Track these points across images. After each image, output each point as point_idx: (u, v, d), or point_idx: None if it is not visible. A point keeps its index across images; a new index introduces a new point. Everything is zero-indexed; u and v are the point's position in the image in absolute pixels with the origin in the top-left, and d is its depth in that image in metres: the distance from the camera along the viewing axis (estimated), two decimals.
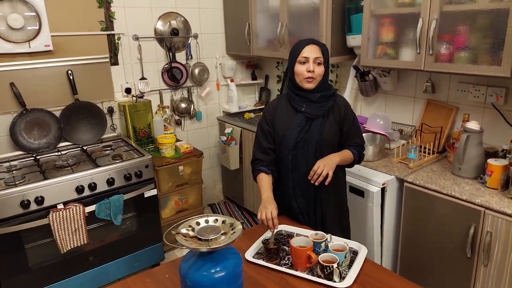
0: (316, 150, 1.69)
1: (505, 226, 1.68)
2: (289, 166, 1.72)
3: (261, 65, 3.69)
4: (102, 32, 2.77)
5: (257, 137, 1.80)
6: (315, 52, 1.63)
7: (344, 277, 1.32)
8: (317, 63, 1.64)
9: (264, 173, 1.72)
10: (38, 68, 2.54)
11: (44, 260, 2.26)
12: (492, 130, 2.17)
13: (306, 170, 1.70)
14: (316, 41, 1.68)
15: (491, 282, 1.78)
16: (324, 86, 1.69)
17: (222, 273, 1.11)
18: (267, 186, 1.68)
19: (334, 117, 1.71)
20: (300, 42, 1.68)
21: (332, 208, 1.78)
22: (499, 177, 1.82)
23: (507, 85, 2.05)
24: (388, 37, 2.18)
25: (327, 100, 1.69)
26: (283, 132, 1.71)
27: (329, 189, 1.74)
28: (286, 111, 1.73)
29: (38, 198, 2.14)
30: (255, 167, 1.76)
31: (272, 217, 1.52)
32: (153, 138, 2.99)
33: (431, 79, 2.37)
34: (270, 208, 1.54)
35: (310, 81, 1.64)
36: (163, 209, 2.82)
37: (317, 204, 1.76)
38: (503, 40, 1.69)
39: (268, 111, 1.78)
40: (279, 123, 1.73)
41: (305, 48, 1.64)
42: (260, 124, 1.79)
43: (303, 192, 1.74)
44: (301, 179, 1.72)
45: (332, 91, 1.72)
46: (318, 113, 1.67)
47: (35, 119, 2.56)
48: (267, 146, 1.75)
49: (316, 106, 1.67)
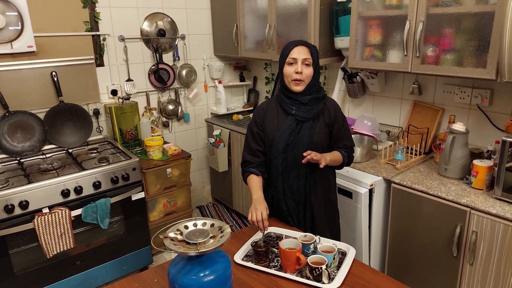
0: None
1: (490, 226, 1.71)
2: (279, 169, 1.71)
3: (249, 67, 3.69)
4: (87, 33, 2.73)
5: (247, 139, 1.79)
6: (304, 53, 1.63)
7: (333, 278, 1.33)
8: (306, 64, 1.64)
9: (254, 175, 1.71)
10: (21, 70, 2.49)
11: (30, 265, 2.21)
12: (477, 131, 2.20)
13: (296, 172, 1.70)
14: (305, 42, 1.68)
15: (476, 280, 1.81)
16: (314, 88, 1.68)
17: (211, 276, 1.10)
18: (257, 187, 1.67)
19: (324, 119, 1.71)
20: (289, 44, 1.68)
21: (322, 210, 1.78)
22: (484, 177, 1.85)
23: (492, 87, 2.09)
24: (375, 39, 2.20)
25: (317, 103, 1.69)
26: (273, 135, 1.70)
27: (319, 191, 1.75)
28: (277, 113, 1.73)
29: (23, 203, 2.09)
30: (244, 169, 1.75)
31: (262, 219, 1.51)
32: (140, 140, 2.96)
33: (418, 81, 2.40)
34: (260, 209, 1.53)
35: (298, 83, 1.64)
36: (151, 212, 2.79)
37: (307, 206, 1.76)
38: (488, 42, 1.73)
39: (258, 114, 1.78)
40: (269, 125, 1.72)
41: (293, 49, 1.64)
42: (250, 126, 1.78)
43: (293, 195, 1.73)
44: (291, 181, 1.72)
45: (323, 93, 1.72)
46: (308, 116, 1.67)
47: (19, 122, 2.50)
48: (256, 149, 1.74)
49: (307, 109, 1.67)
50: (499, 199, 1.77)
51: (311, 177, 1.72)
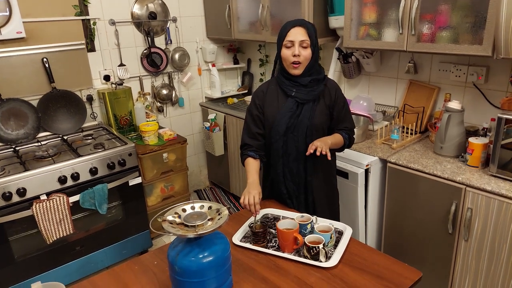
0: (306, 135, 1.67)
1: (485, 202, 1.73)
2: (279, 152, 1.70)
3: (243, 49, 3.64)
4: (76, 17, 2.67)
5: (246, 122, 1.77)
6: (301, 34, 1.59)
7: (330, 256, 1.35)
8: (303, 47, 1.60)
9: (251, 158, 1.70)
10: (11, 56, 2.45)
11: (30, 251, 2.23)
12: (473, 109, 2.20)
13: (296, 155, 1.69)
14: (302, 22, 1.62)
15: (471, 256, 1.84)
16: (313, 70, 1.65)
17: (210, 258, 1.12)
18: (254, 171, 1.66)
19: (324, 101, 1.69)
20: (285, 25, 1.62)
21: (322, 193, 1.79)
22: (479, 155, 1.86)
23: (488, 64, 2.08)
24: (370, 18, 2.17)
25: (317, 84, 1.66)
26: (273, 117, 1.68)
27: (319, 174, 1.74)
28: (276, 95, 1.71)
29: (20, 190, 2.09)
30: (243, 152, 1.74)
31: (254, 203, 1.50)
32: (135, 126, 2.94)
33: (413, 59, 2.38)
34: (253, 193, 1.52)
35: (296, 66, 1.61)
36: (149, 197, 2.80)
37: (308, 188, 1.75)
38: (485, 18, 1.71)
39: (257, 96, 1.75)
40: (269, 107, 1.70)
41: (290, 31, 1.60)
42: (249, 109, 1.76)
43: (293, 177, 1.73)
44: (291, 164, 1.71)
45: (323, 74, 1.69)
46: (308, 98, 1.65)
47: (12, 109, 2.47)
48: (256, 132, 1.73)
49: (307, 91, 1.65)
50: (494, 176, 1.78)
51: (311, 160, 1.70)
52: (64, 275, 2.35)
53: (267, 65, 3.46)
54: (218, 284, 1.15)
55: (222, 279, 1.17)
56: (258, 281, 1.26)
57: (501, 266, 1.75)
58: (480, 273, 1.83)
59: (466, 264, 1.87)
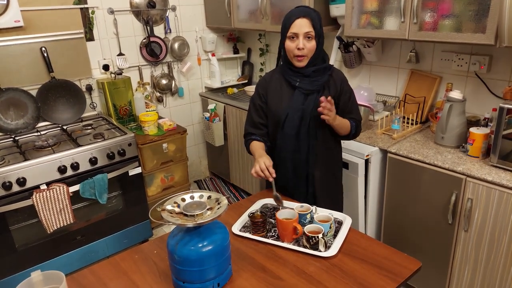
0: (309, 126, 1.64)
1: (485, 193, 1.72)
2: (284, 142, 1.68)
3: (243, 38, 3.61)
4: (74, 6, 2.64)
5: (249, 112, 1.76)
6: (305, 26, 1.54)
7: (329, 246, 1.35)
8: (308, 38, 1.55)
9: (256, 141, 1.70)
10: (9, 46, 2.43)
11: (31, 240, 2.24)
12: (474, 99, 2.19)
13: (299, 146, 1.67)
14: (306, 12, 1.55)
15: (471, 247, 1.85)
16: (318, 59, 1.61)
17: (210, 247, 1.12)
18: (260, 149, 1.65)
19: (330, 92, 1.64)
20: (289, 15, 1.57)
21: (325, 186, 1.76)
22: (480, 145, 1.85)
23: (490, 53, 2.06)
24: (372, 6, 2.14)
25: (321, 74, 1.62)
26: (276, 107, 1.66)
27: (322, 166, 1.72)
28: (280, 85, 1.68)
29: (20, 180, 2.09)
30: (246, 138, 1.74)
31: (266, 167, 1.50)
32: (134, 116, 2.93)
33: (415, 48, 2.36)
34: (262, 160, 1.52)
35: (300, 59, 1.58)
36: (149, 187, 2.80)
37: (309, 181, 1.73)
38: (488, 6, 1.68)
39: (261, 85, 1.73)
40: (273, 97, 1.68)
41: (294, 23, 1.54)
42: (253, 98, 1.74)
43: (296, 169, 1.71)
44: (294, 155, 1.69)
45: (327, 64, 1.65)
46: (312, 88, 1.62)
47: (11, 99, 2.46)
48: (259, 122, 1.72)
49: (310, 80, 1.61)
50: (495, 166, 1.78)
51: (313, 151, 1.68)
52: (65, 264, 2.37)
53: (267, 54, 3.43)
54: (218, 273, 1.16)
55: (221, 268, 1.17)
56: (257, 270, 1.27)
57: (500, 256, 1.75)
58: (479, 263, 1.83)
59: (465, 254, 1.87)
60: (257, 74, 3.60)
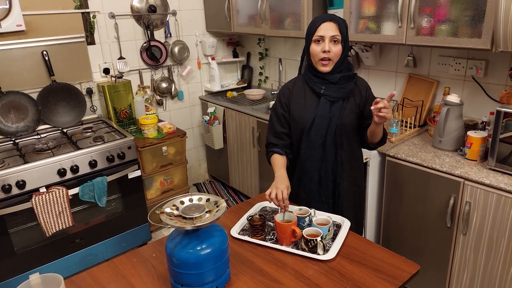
0: (335, 134, 1.61)
1: (483, 196, 1.73)
2: (310, 151, 1.64)
3: (243, 42, 3.63)
4: (76, 10, 2.66)
5: (271, 121, 1.71)
6: (332, 29, 1.51)
7: (328, 249, 1.35)
8: (334, 41, 1.52)
9: (277, 154, 1.64)
10: (11, 49, 2.44)
11: (30, 243, 2.24)
12: (472, 103, 2.20)
13: (324, 155, 1.64)
14: (333, 17, 1.54)
15: (469, 250, 1.85)
16: (343, 66, 1.58)
17: (208, 250, 1.12)
18: (281, 165, 1.59)
19: (354, 100, 1.62)
20: (316, 20, 1.55)
21: (350, 197, 1.72)
22: (478, 149, 1.86)
23: (487, 58, 2.08)
24: (370, 11, 2.16)
25: (348, 82, 1.59)
26: (299, 115, 1.62)
27: (348, 176, 1.68)
28: (304, 93, 1.64)
29: (20, 182, 2.10)
30: (268, 149, 1.69)
31: (283, 198, 1.43)
32: (134, 119, 2.94)
33: (413, 53, 2.38)
34: (281, 188, 1.45)
35: (325, 64, 1.54)
36: (148, 190, 2.81)
37: (335, 192, 1.69)
38: (484, 11, 1.70)
39: (283, 93, 1.68)
40: (296, 106, 1.64)
41: (320, 26, 1.52)
42: (274, 107, 1.70)
43: (321, 178, 1.68)
44: (318, 164, 1.66)
45: (353, 72, 1.63)
46: (339, 96, 1.58)
47: (11, 102, 2.47)
48: (281, 131, 1.67)
49: (337, 88, 1.58)
50: (493, 170, 1.79)
51: (340, 160, 1.65)
52: (64, 267, 2.37)
53: (267, 58, 3.45)
54: (216, 276, 1.16)
55: (220, 271, 1.17)
56: (256, 273, 1.27)
57: (499, 260, 1.76)
58: (478, 266, 1.84)
59: (464, 257, 1.88)
60: (256, 78, 3.62)
